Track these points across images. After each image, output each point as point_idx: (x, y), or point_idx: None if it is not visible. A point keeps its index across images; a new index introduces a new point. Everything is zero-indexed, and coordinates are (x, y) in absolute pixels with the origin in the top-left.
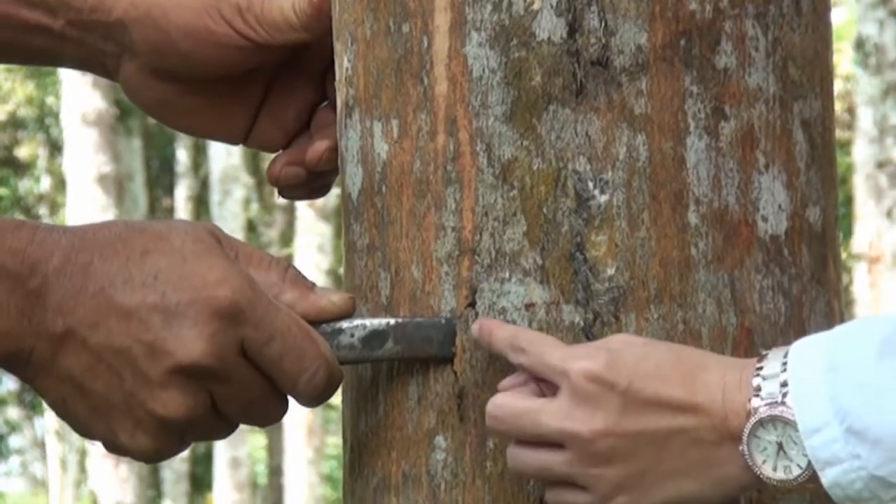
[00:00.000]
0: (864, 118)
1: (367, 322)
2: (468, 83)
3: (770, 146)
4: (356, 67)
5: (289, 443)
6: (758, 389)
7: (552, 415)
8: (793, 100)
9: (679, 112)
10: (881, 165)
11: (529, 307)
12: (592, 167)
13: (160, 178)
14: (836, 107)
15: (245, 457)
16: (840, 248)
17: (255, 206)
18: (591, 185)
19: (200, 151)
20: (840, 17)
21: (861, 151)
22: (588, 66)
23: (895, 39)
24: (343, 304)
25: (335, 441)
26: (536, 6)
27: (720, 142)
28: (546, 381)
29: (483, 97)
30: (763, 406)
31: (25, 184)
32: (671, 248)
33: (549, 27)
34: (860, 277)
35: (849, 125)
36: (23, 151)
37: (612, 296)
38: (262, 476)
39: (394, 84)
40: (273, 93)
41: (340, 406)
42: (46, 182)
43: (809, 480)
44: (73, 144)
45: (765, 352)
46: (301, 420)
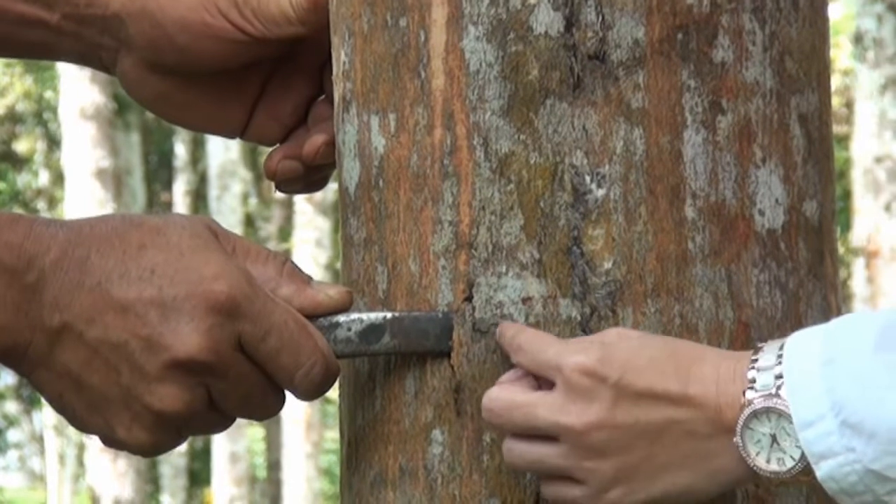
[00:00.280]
0: (863, 113)
1: (364, 316)
2: (465, 77)
3: (767, 140)
4: (353, 61)
5: (287, 437)
6: (752, 381)
7: (547, 408)
8: (790, 94)
9: (676, 106)
10: (879, 160)
11: (526, 301)
12: (589, 161)
13: (158, 173)
14: (835, 101)
15: (243, 451)
16: (837, 243)
17: (254, 201)
18: (588, 180)
19: (199, 146)
20: (838, 12)
21: (859, 146)
22: (585, 61)
23: (893, 34)
24: (340, 298)
25: (333, 435)
26: (533, 0)
27: (717, 136)
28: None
29: (480, 91)
30: (757, 398)
31: (24, 178)
32: (668, 243)
33: (547, 21)
34: (859, 272)
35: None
36: (21, 146)
37: (609, 290)
38: (261, 470)
39: (391, 78)
40: (270, 87)
41: (338, 400)
42: (44, 176)
43: (802, 473)
44: (72, 139)
45: (760, 344)
46: (299, 414)
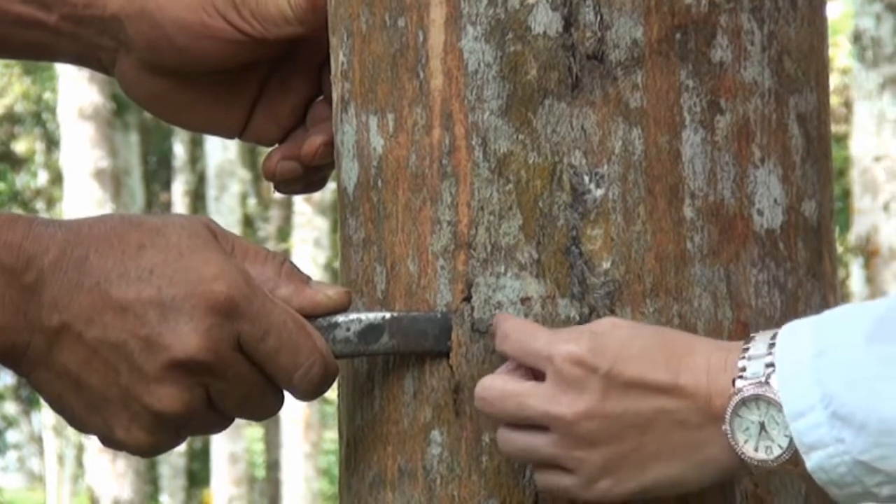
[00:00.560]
0: (861, 112)
1: (363, 316)
2: (464, 77)
3: (766, 140)
4: (352, 62)
5: (286, 437)
6: (742, 370)
7: (537, 398)
8: (788, 94)
9: (675, 106)
10: (878, 159)
11: (525, 301)
12: (588, 161)
13: (157, 173)
14: (834, 101)
15: (242, 452)
16: (836, 242)
17: (252, 201)
18: (587, 179)
19: (197, 146)
20: (837, 11)
21: (858, 145)
22: (584, 60)
23: (892, 33)
24: (339, 299)
25: (332, 436)
26: (532, 0)
27: (716, 136)
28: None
29: (479, 91)
30: (747, 385)
31: (22, 178)
32: (667, 242)
33: (545, 21)
34: (857, 272)
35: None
36: (20, 146)
37: (608, 290)
38: (260, 470)
39: (389, 78)
40: (269, 87)
41: (337, 400)
42: (43, 177)
43: (790, 462)
44: (70, 139)
45: (753, 335)
46: (298, 415)
